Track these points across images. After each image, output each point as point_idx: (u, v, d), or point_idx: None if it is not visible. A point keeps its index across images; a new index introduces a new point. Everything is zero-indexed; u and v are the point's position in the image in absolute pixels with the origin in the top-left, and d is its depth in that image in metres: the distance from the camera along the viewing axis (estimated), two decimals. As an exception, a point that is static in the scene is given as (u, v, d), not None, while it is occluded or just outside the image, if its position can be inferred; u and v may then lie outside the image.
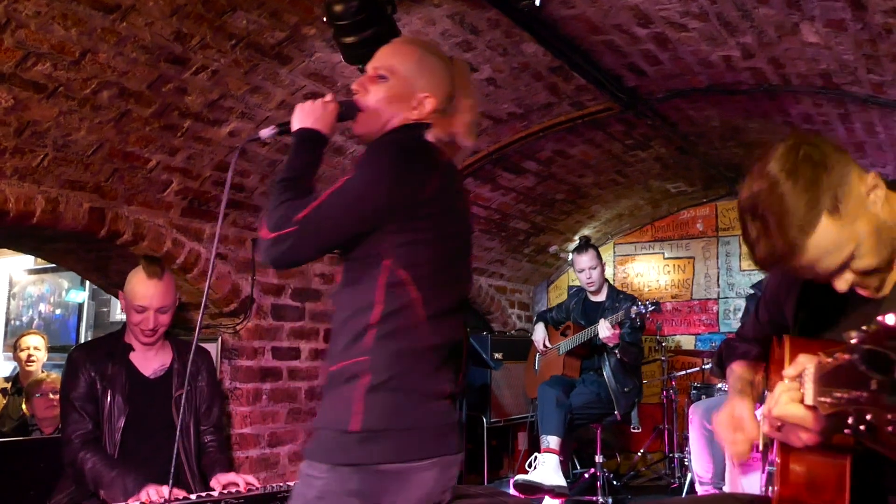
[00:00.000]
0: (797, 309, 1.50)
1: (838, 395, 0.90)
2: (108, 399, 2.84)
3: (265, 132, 1.76)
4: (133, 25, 2.59)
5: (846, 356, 0.89)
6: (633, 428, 5.06)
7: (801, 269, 1.29)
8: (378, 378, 1.54)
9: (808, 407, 0.98)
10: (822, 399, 0.94)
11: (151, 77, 2.84)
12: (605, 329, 4.56)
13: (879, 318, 0.84)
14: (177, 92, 2.97)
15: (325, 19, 2.63)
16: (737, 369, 1.75)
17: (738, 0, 2.92)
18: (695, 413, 4.35)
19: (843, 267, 1.28)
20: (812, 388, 0.96)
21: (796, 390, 1.05)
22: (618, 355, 4.63)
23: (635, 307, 4.58)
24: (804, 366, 1.00)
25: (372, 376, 1.54)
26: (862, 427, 0.86)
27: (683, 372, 5.44)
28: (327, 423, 1.58)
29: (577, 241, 5.29)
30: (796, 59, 3.41)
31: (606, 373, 4.73)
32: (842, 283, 1.31)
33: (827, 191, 1.25)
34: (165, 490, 2.52)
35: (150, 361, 3.02)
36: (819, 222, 1.24)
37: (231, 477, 2.90)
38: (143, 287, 2.95)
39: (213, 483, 2.89)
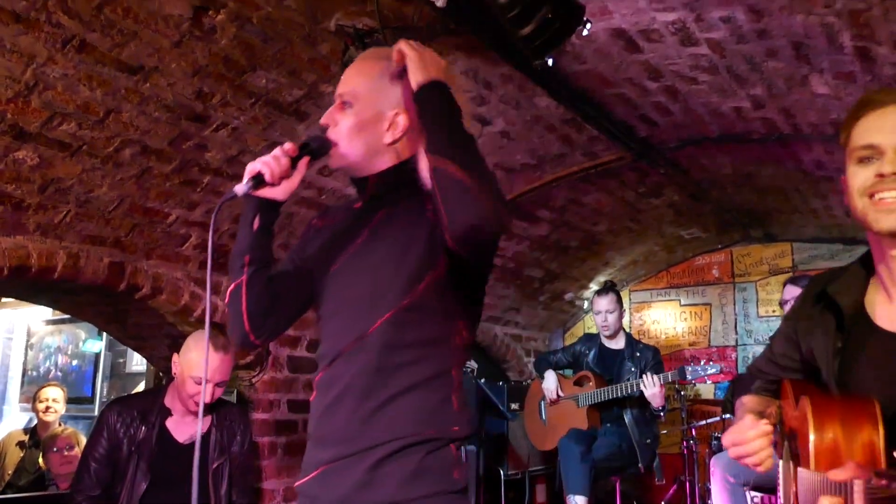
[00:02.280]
0: (831, 343, 1.43)
1: None
2: (133, 463, 2.78)
3: (240, 187, 1.53)
4: (156, 86, 2.67)
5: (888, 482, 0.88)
6: (658, 480, 4.95)
7: (888, 120, 1.33)
8: (462, 435, 1.55)
9: None
10: None
11: (172, 134, 2.91)
12: (651, 386, 4.39)
13: None
14: (197, 148, 3.03)
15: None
16: (745, 401, 1.71)
17: (747, 54, 2.97)
18: (716, 465, 4.27)
19: None
20: None
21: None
22: (662, 415, 4.53)
23: (691, 368, 4.46)
24: (851, 477, 0.98)
25: (460, 438, 1.55)
26: None
27: (704, 422, 5.36)
28: (437, 488, 1.48)
29: (603, 285, 5.25)
30: (807, 108, 3.44)
31: (629, 422, 4.60)
32: (891, 161, 1.31)
33: None
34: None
35: (187, 427, 2.93)
36: None
37: None
38: (210, 359, 2.80)
39: None
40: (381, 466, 1.47)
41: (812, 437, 1.26)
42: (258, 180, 1.52)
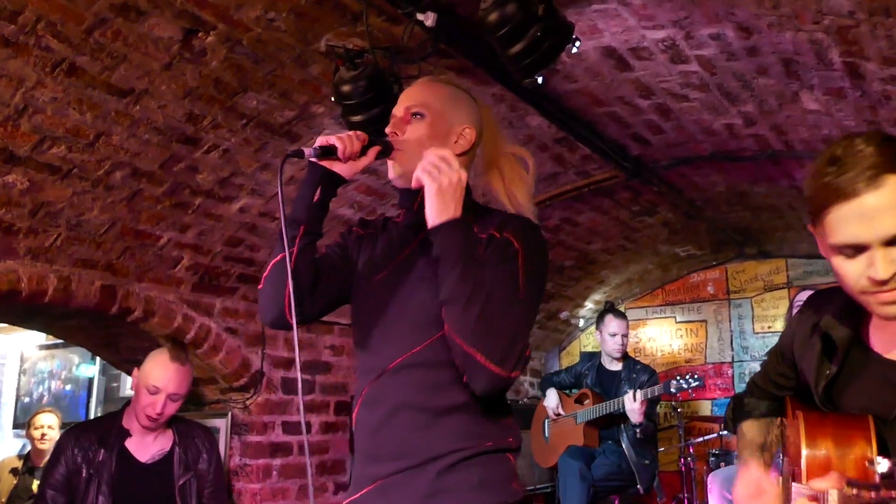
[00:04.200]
0: (819, 368, 1.43)
1: None
2: (93, 488, 2.74)
3: (308, 151, 1.53)
4: (146, 108, 2.66)
5: (871, 495, 0.88)
6: (659, 499, 4.91)
7: (865, 210, 1.17)
8: (516, 445, 1.60)
9: None
10: None
11: (163, 157, 2.90)
12: (630, 402, 4.41)
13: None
14: (188, 170, 3.02)
15: (333, 98, 2.69)
16: (746, 431, 1.70)
17: (738, 71, 2.98)
18: (714, 482, 4.25)
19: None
20: None
21: None
22: (636, 431, 4.52)
23: (675, 382, 4.45)
24: (827, 488, 0.98)
25: (514, 448, 1.59)
26: None
27: (701, 439, 5.34)
28: (498, 499, 1.52)
29: (605, 305, 5.24)
30: (798, 125, 3.45)
31: (625, 444, 4.60)
32: (881, 263, 1.16)
33: None
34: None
35: (149, 447, 2.91)
36: None
37: None
38: (162, 369, 2.85)
39: None
40: (444, 477, 1.49)
41: (804, 452, 1.24)
42: (327, 150, 1.53)
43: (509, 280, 1.51)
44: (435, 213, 1.47)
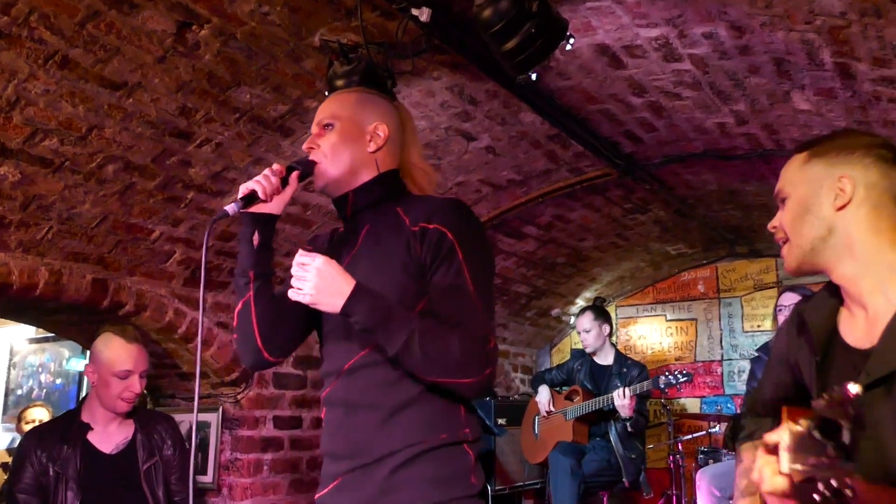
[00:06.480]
0: (809, 361, 1.45)
1: (806, 461, 0.95)
2: (61, 485, 2.73)
3: (230, 207, 1.58)
4: (139, 102, 2.66)
5: (808, 423, 0.95)
6: (646, 495, 4.94)
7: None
8: (473, 437, 1.62)
9: (784, 475, 0.99)
10: (794, 466, 0.97)
11: (156, 151, 2.90)
12: (619, 398, 4.45)
13: (844, 385, 0.92)
14: (181, 165, 3.02)
15: (326, 93, 2.69)
16: (744, 457, 1.70)
17: (730, 70, 2.99)
18: (702, 478, 4.28)
19: (778, 197, 1.48)
20: (785, 456, 0.98)
21: (774, 461, 1.05)
22: (626, 425, 4.55)
23: (664, 377, 4.49)
24: (780, 435, 1.02)
25: (471, 440, 1.61)
26: (828, 492, 0.92)
27: (690, 436, 5.37)
28: (455, 493, 1.55)
29: (585, 304, 5.30)
30: (789, 125, 3.47)
31: (613, 438, 4.64)
32: (775, 218, 1.48)
33: (832, 148, 1.44)
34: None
35: (112, 437, 2.89)
36: (807, 151, 1.47)
37: None
38: (126, 352, 2.86)
39: None
40: (398, 473, 1.53)
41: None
42: (249, 198, 1.60)
43: (453, 284, 1.55)
44: (330, 308, 1.51)
